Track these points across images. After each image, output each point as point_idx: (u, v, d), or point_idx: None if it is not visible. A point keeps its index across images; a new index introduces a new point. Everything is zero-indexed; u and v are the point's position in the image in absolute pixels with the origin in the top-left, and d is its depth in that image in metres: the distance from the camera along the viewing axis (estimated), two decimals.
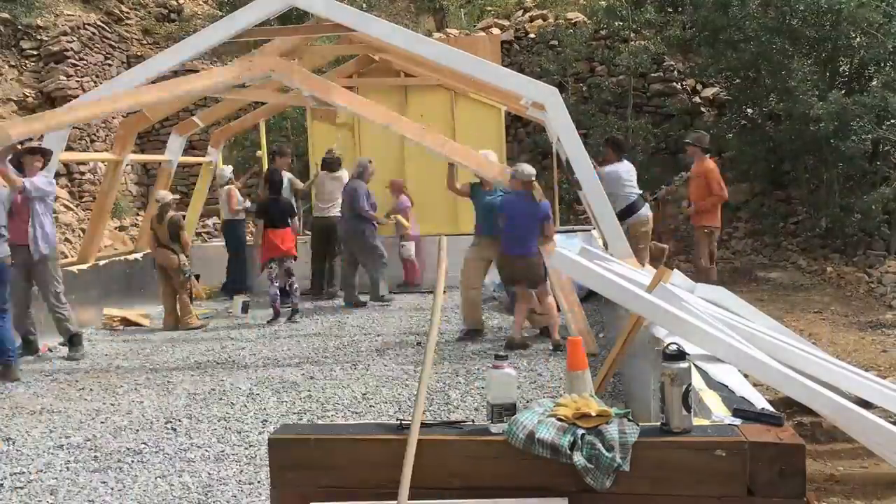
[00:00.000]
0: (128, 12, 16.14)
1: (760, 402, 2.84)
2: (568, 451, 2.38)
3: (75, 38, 13.95)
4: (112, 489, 4.00)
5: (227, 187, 10.08)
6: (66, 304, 7.05)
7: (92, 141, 14.08)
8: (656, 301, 3.74)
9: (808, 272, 10.73)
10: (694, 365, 3.40)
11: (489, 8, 17.52)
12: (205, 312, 8.95)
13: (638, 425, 2.46)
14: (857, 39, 10.50)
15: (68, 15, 15.08)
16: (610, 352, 4.47)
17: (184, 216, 8.94)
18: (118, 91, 7.29)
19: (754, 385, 3.28)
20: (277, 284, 8.40)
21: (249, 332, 7.99)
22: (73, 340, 7.03)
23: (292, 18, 13.46)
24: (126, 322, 8.52)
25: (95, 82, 13.62)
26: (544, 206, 6.63)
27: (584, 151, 7.05)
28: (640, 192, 8.18)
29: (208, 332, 8.02)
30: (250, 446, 4.53)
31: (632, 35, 14.39)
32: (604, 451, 2.37)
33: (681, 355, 2.50)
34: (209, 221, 14.13)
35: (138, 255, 9.81)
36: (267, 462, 2.72)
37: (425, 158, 10.96)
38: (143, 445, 4.64)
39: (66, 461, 4.44)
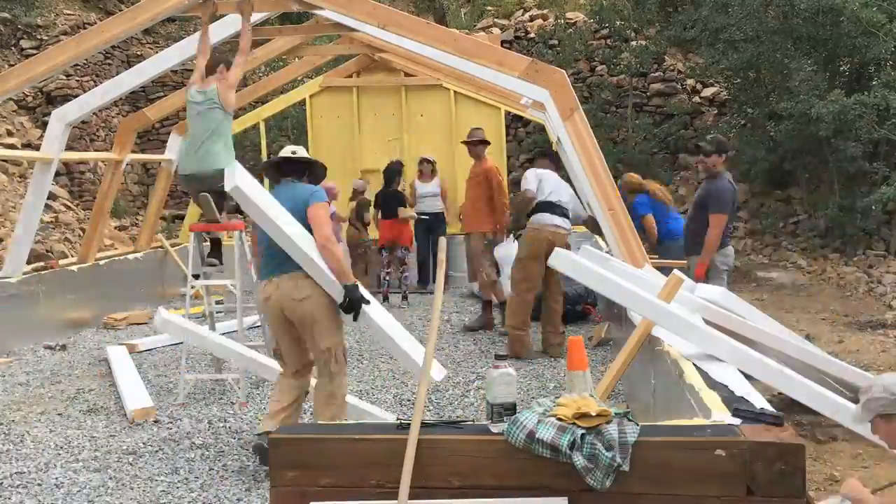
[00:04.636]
0: None
1: (760, 402, 2.84)
2: (568, 451, 2.38)
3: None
4: (112, 489, 4.00)
5: None
6: None
7: (92, 140, 14.09)
8: (668, 307, 3.73)
9: (808, 272, 10.72)
10: (694, 365, 3.41)
11: (489, 7, 17.53)
12: (197, 311, 8.95)
13: (638, 425, 2.47)
14: (859, 39, 10.48)
15: (68, 14, 15.10)
16: (616, 357, 4.45)
17: (370, 202, 9.80)
18: (84, 32, 7.33)
19: (754, 385, 3.28)
20: (388, 270, 9.25)
21: (249, 331, 7.97)
22: None
23: (292, 18, 13.46)
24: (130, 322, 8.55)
25: (95, 81, 13.62)
26: None
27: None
28: None
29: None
30: (250, 446, 4.53)
31: (632, 34, 14.40)
32: (603, 451, 2.37)
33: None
34: None
35: (139, 255, 9.82)
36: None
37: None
38: (142, 445, 4.64)
39: (66, 460, 4.44)
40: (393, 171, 9.55)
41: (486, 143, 8.22)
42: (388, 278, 9.22)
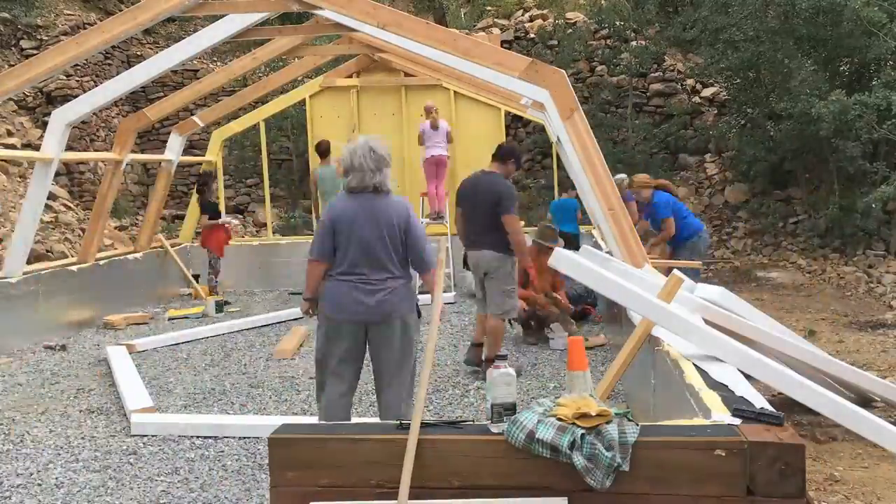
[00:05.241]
0: None
1: (760, 402, 2.84)
2: (568, 451, 2.38)
3: None
4: (112, 489, 4.00)
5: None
6: None
7: (92, 141, 14.09)
8: (668, 307, 3.73)
9: (808, 272, 10.72)
10: (694, 365, 3.40)
11: (489, 8, 17.53)
12: (196, 312, 8.97)
13: (638, 425, 2.47)
14: (859, 39, 10.48)
15: (68, 14, 15.11)
16: (616, 357, 4.45)
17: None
18: (85, 32, 7.36)
19: (754, 385, 3.28)
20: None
21: (249, 331, 7.99)
22: None
23: (292, 18, 13.47)
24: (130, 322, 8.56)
25: (95, 82, 13.64)
26: None
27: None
28: None
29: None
30: (250, 446, 4.53)
31: (632, 35, 14.41)
32: (603, 451, 2.37)
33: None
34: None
35: (138, 255, 9.82)
36: (267, 462, 2.72)
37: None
38: (142, 445, 4.64)
39: (66, 460, 4.44)
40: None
41: None
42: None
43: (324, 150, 9.79)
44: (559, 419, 2.47)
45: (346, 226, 3.85)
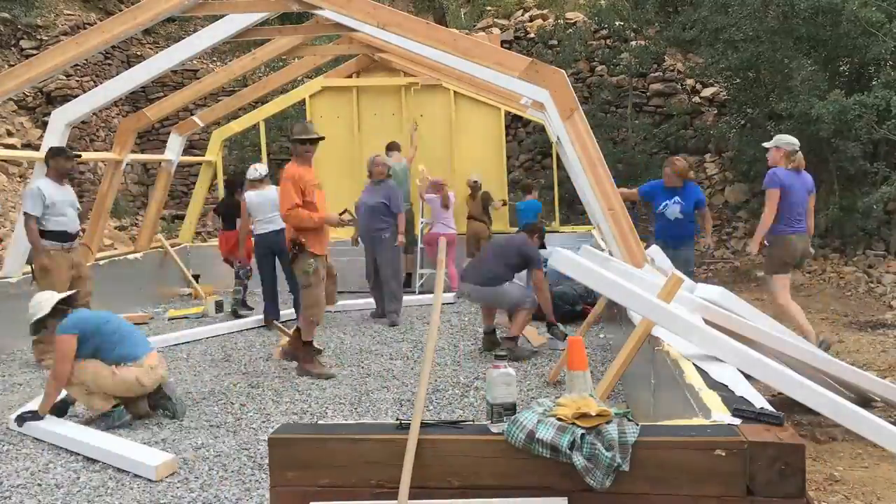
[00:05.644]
0: None
1: (760, 402, 2.84)
2: (568, 451, 2.38)
3: None
4: (112, 489, 4.00)
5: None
6: None
7: (92, 141, 14.09)
8: (670, 308, 3.73)
9: (807, 272, 10.72)
10: (694, 365, 3.41)
11: (489, 7, 17.53)
12: (196, 312, 8.96)
13: (638, 425, 2.47)
14: (859, 39, 10.48)
15: (68, 14, 15.11)
16: (616, 357, 4.45)
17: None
18: (85, 32, 7.36)
19: (754, 385, 3.28)
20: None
21: (249, 332, 7.99)
22: None
23: (292, 18, 13.47)
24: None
25: (95, 81, 13.64)
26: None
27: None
28: None
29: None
30: (250, 446, 4.53)
31: (632, 35, 14.41)
32: (603, 451, 2.37)
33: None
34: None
35: (139, 255, 9.82)
36: (267, 462, 2.72)
37: (430, 152, 10.97)
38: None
39: (67, 460, 4.44)
40: (236, 181, 9.32)
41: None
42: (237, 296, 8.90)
43: (395, 146, 10.23)
44: (559, 419, 2.47)
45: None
